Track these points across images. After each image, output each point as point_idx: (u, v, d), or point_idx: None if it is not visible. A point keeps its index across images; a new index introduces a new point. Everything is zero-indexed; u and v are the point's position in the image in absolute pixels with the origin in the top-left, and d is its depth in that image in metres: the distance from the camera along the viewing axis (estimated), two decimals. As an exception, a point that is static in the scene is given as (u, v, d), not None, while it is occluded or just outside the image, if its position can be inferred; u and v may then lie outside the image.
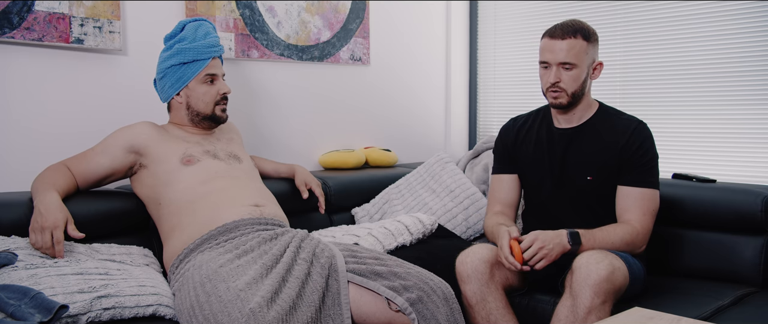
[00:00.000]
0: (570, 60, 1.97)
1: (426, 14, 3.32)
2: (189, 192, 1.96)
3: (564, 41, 1.97)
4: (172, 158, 2.01)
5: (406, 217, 2.33)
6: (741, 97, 2.52)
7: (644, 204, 1.97)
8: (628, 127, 2.02)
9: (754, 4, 2.46)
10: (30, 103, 2.13)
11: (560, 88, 2.00)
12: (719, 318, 1.82)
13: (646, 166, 1.99)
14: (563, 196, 2.07)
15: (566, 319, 1.78)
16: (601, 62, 2.04)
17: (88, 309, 1.53)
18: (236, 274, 1.67)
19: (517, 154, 2.17)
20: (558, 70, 1.99)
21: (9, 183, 2.07)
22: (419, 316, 1.71)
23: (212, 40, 2.12)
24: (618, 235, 1.91)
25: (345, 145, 3.01)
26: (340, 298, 1.73)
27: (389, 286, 1.74)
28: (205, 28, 2.14)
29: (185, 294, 1.69)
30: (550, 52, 1.99)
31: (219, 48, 2.14)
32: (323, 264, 1.79)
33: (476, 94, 3.49)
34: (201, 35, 2.11)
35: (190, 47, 2.07)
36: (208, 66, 2.09)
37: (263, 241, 1.86)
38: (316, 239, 1.93)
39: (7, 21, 2.02)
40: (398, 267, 1.82)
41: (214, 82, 2.13)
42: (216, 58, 2.14)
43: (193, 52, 2.07)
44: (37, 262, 1.66)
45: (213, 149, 2.11)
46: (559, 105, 2.03)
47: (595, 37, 2.02)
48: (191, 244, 1.87)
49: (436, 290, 1.77)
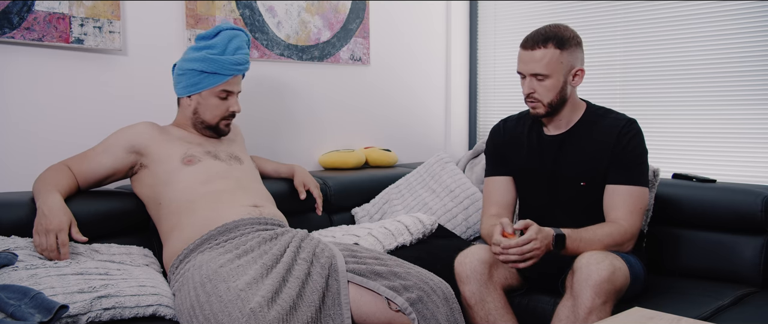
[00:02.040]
0: (541, 71, 1.93)
1: (426, 14, 3.32)
2: (189, 192, 1.96)
3: (535, 52, 1.93)
4: (173, 158, 2.01)
5: (406, 217, 2.33)
6: (741, 97, 2.52)
7: (632, 202, 1.93)
8: (616, 125, 1.98)
9: (754, 4, 2.46)
10: (30, 103, 2.13)
11: (535, 98, 1.97)
12: (719, 318, 1.82)
13: (634, 163, 1.95)
14: (558, 203, 2.05)
15: (567, 319, 1.78)
16: (582, 69, 1.99)
17: (88, 309, 1.53)
18: (236, 274, 1.67)
19: (509, 155, 2.15)
20: (531, 81, 1.96)
21: (9, 183, 2.07)
22: (419, 316, 1.71)
23: (241, 56, 2.09)
24: (605, 234, 1.87)
25: (345, 145, 3.01)
26: (340, 298, 1.73)
27: (389, 285, 1.74)
28: (238, 42, 2.11)
29: (185, 294, 1.69)
30: (522, 63, 1.97)
31: (244, 66, 2.11)
32: (323, 264, 1.79)
33: (476, 94, 3.49)
34: (232, 49, 2.08)
35: (215, 59, 2.04)
36: (227, 82, 2.08)
37: (263, 241, 1.86)
38: (316, 239, 1.93)
39: (7, 21, 2.02)
40: (398, 267, 1.82)
41: (228, 98, 2.11)
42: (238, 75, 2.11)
43: (217, 64, 2.04)
44: (37, 263, 1.66)
45: (214, 150, 2.11)
46: (537, 115, 2.01)
47: (574, 43, 1.95)
48: (191, 245, 1.87)
49: (436, 290, 1.77)
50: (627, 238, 1.91)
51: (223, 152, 2.13)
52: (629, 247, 1.94)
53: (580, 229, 1.87)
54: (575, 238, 1.85)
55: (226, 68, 2.05)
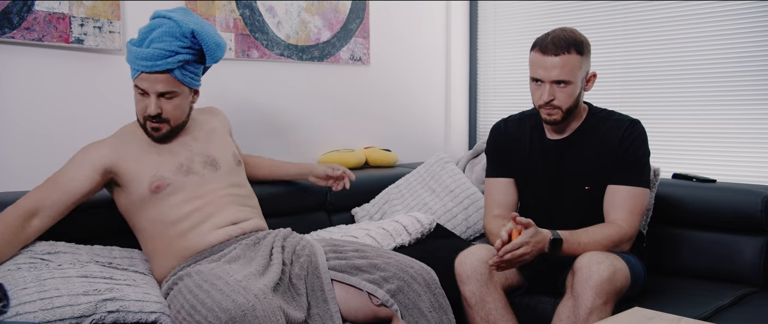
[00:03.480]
0: (565, 78, 1.88)
1: (426, 14, 3.32)
2: (160, 224, 1.87)
3: (558, 58, 1.87)
4: (143, 182, 1.87)
5: (404, 217, 2.33)
6: (741, 97, 2.52)
7: (632, 203, 1.91)
8: (619, 127, 1.97)
9: (754, 4, 2.46)
10: (30, 103, 2.13)
11: (554, 106, 1.92)
12: (719, 318, 1.82)
13: (637, 164, 1.94)
14: (561, 206, 2.04)
15: (567, 319, 1.78)
16: (594, 73, 1.97)
17: (93, 311, 1.53)
18: (232, 272, 1.68)
19: (510, 156, 2.13)
20: (552, 88, 1.90)
21: (9, 183, 2.07)
22: (401, 306, 1.72)
23: (153, 51, 1.79)
24: (604, 236, 1.86)
25: (345, 145, 3.01)
26: (326, 294, 1.74)
27: (369, 279, 1.75)
28: (158, 33, 1.81)
29: (182, 298, 1.65)
30: (542, 69, 1.90)
31: (154, 63, 1.80)
32: (302, 263, 1.80)
33: (476, 94, 3.49)
34: (148, 40, 1.82)
35: (130, 49, 1.84)
36: (137, 78, 1.85)
37: (247, 248, 1.86)
38: (297, 237, 1.94)
39: (7, 21, 2.02)
40: (378, 257, 1.82)
41: (145, 96, 1.86)
42: (162, 72, 1.82)
43: (130, 56, 1.85)
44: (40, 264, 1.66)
45: (187, 160, 1.94)
46: (554, 121, 1.96)
47: (588, 48, 1.93)
48: (177, 268, 1.85)
49: (416, 277, 1.76)
50: (625, 239, 1.90)
51: (197, 159, 1.96)
52: (627, 247, 1.94)
53: (579, 231, 1.87)
54: (572, 241, 1.84)
55: (133, 62, 1.84)
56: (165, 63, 1.81)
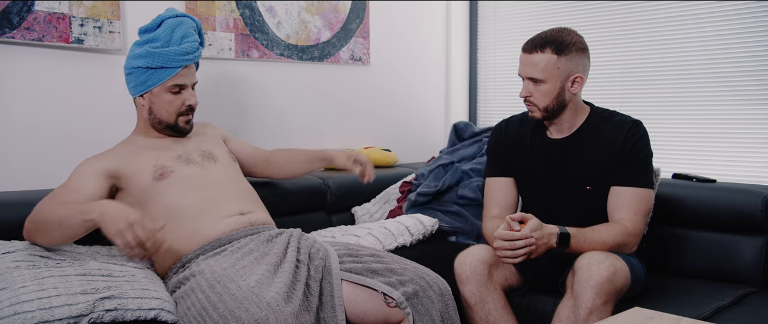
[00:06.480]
0: (536, 75, 1.91)
1: (426, 14, 3.32)
2: (168, 209, 1.87)
3: (532, 55, 1.91)
4: (145, 173, 1.89)
5: (406, 217, 2.33)
6: (741, 97, 2.53)
7: (637, 204, 1.92)
8: (622, 128, 1.96)
9: (754, 4, 2.46)
10: (30, 103, 2.13)
11: (531, 102, 1.97)
12: (719, 318, 1.82)
13: (640, 165, 1.94)
14: (562, 206, 2.04)
15: (568, 319, 1.78)
16: (581, 75, 1.93)
17: (91, 310, 1.52)
18: (245, 274, 1.67)
19: (511, 156, 2.13)
20: (528, 84, 1.95)
21: (9, 183, 2.07)
22: (414, 311, 1.71)
23: (188, 45, 1.93)
24: (610, 236, 1.86)
25: (345, 145, 3.01)
26: (334, 299, 1.73)
27: (386, 281, 1.75)
28: (184, 29, 1.95)
29: (194, 299, 1.65)
30: (521, 65, 1.96)
31: (193, 55, 1.95)
32: (317, 265, 1.79)
33: (476, 95, 3.49)
34: (177, 39, 1.93)
35: (159, 52, 1.90)
36: (176, 75, 1.93)
37: (261, 242, 1.85)
38: (311, 239, 1.93)
39: (7, 21, 2.02)
40: (395, 263, 1.82)
41: (182, 92, 1.97)
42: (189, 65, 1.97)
43: (163, 58, 1.90)
44: (39, 263, 1.66)
45: (185, 152, 1.99)
46: (533, 118, 2.00)
47: (576, 49, 1.91)
48: (184, 258, 1.84)
49: (432, 285, 1.76)
50: (631, 240, 1.90)
51: (195, 152, 2.01)
52: (633, 248, 1.93)
53: (585, 229, 1.87)
54: (579, 237, 1.84)
55: (172, 60, 1.90)
56: (198, 54, 1.99)
